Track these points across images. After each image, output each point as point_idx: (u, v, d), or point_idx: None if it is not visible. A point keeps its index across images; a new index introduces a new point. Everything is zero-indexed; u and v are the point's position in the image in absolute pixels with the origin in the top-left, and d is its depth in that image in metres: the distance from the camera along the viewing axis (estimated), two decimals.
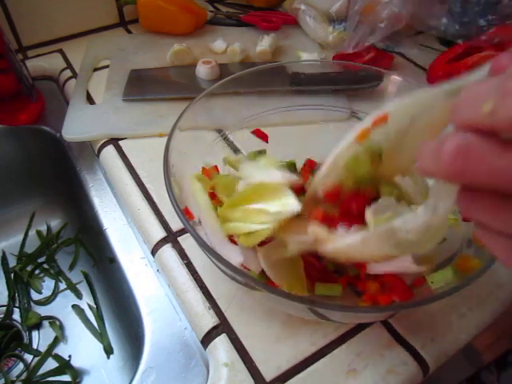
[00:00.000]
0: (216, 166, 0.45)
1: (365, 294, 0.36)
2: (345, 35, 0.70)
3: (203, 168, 0.44)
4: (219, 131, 0.49)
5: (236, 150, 0.52)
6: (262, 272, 0.36)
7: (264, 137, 0.52)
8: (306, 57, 0.70)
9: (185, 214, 0.35)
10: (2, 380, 0.56)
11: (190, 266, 0.44)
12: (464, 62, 0.62)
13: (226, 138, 0.50)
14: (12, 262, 0.68)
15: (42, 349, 0.59)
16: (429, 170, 0.19)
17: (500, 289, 0.42)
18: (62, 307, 0.64)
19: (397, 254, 0.29)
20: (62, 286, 0.66)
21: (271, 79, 0.54)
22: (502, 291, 0.42)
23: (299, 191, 0.38)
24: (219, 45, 0.72)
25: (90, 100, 0.64)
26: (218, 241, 0.38)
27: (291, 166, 0.47)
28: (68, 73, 0.71)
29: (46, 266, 0.68)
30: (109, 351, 0.58)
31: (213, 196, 0.42)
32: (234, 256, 0.37)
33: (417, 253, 0.32)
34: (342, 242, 0.30)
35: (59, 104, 0.69)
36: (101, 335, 0.59)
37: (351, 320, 0.39)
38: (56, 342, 0.60)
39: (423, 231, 0.26)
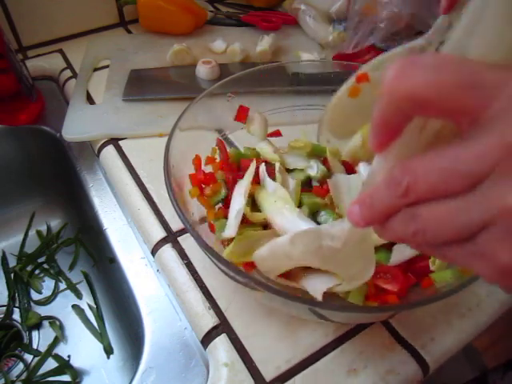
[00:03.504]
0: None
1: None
2: (345, 35, 0.70)
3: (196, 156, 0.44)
4: (219, 131, 0.49)
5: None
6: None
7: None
8: (306, 57, 0.70)
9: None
10: (2, 380, 0.56)
11: (190, 265, 0.44)
12: None
13: (226, 138, 0.50)
14: (12, 262, 0.68)
15: (42, 349, 0.59)
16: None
17: (500, 289, 0.42)
18: (62, 307, 0.64)
19: (321, 266, 0.31)
20: (62, 286, 0.66)
21: (271, 79, 0.54)
22: (502, 291, 0.42)
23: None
24: (219, 45, 0.72)
25: (90, 100, 0.64)
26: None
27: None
28: (68, 73, 0.71)
29: (46, 265, 0.68)
30: (109, 351, 0.58)
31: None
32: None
33: (340, 273, 0.32)
34: (272, 242, 0.32)
35: (59, 104, 0.69)
36: (101, 335, 0.59)
37: (351, 320, 0.39)
38: (56, 341, 0.60)
39: (347, 239, 0.28)
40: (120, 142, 0.57)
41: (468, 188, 0.17)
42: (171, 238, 0.46)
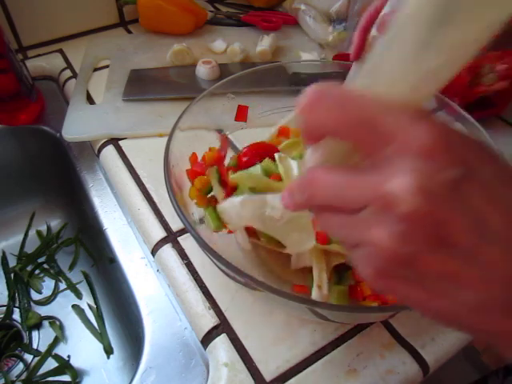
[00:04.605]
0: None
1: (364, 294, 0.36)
2: (345, 35, 0.70)
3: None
4: (219, 131, 0.49)
5: (236, 150, 0.52)
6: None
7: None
8: (306, 57, 0.70)
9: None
10: (2, 380, 0.56)
11: (190, 265, 0.44)
12: None
13: (225, 138, 0.50)
14: (12, 262, 0.68)
15: (42, 349, 0.59)
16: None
17: None
18: (62, 307, 0.64)
19: (264, 231, 0.35)
20: (62, 286, 0.66)
21: (271, 79, 0.54)
22: None
23: None
24: (219, 45, 0.72)
25: (90, 100, 0.64)
26: None
27: None
28: (68, 73, 0.71)
29: (46, 266, 0.68)
30: (109, 351, 0.58)
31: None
32: None
33: (281, 240, 0.36)
34: (228, 201, 0.35)
35: (59, 104, 0.69)
36: (101, 335, 0.59)
37: (351, 320, 0.39)
38: (56, 342, 0.60)
39: (284, 212, 0.32)
40: (120, 142, 0.57)
41: (352, 211, 0.20)
42: (171, 237, 0.46)
